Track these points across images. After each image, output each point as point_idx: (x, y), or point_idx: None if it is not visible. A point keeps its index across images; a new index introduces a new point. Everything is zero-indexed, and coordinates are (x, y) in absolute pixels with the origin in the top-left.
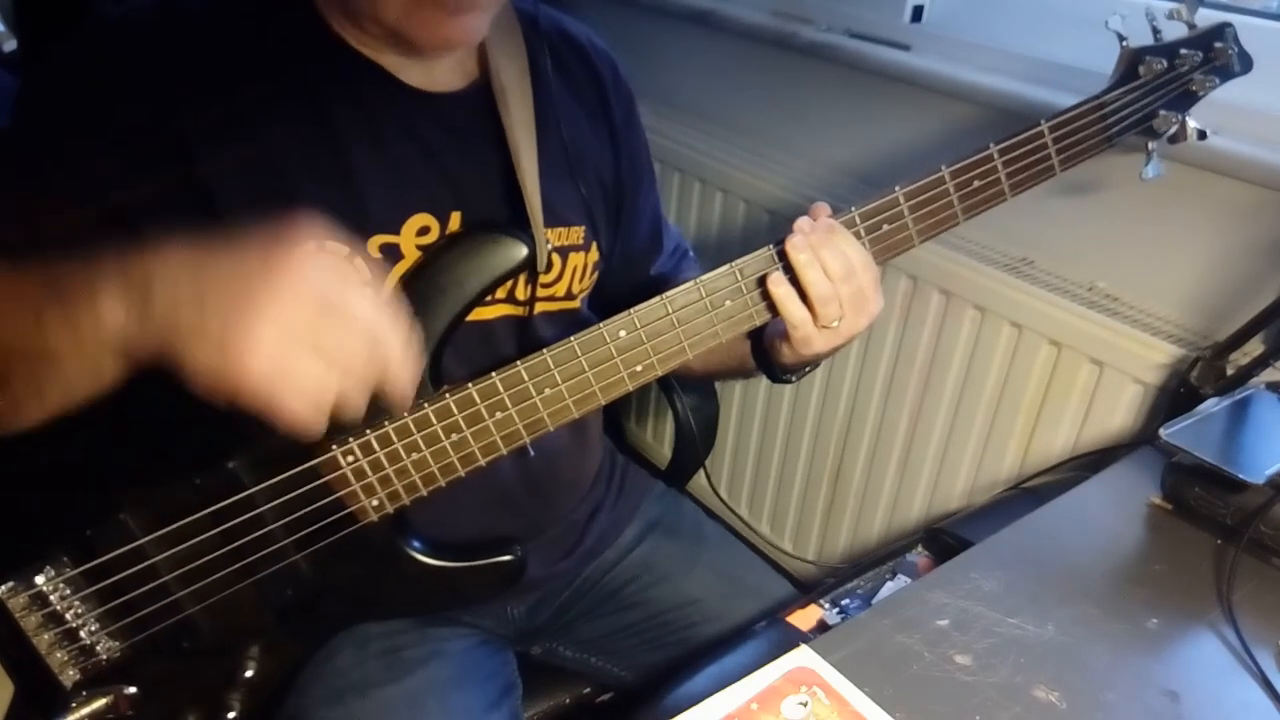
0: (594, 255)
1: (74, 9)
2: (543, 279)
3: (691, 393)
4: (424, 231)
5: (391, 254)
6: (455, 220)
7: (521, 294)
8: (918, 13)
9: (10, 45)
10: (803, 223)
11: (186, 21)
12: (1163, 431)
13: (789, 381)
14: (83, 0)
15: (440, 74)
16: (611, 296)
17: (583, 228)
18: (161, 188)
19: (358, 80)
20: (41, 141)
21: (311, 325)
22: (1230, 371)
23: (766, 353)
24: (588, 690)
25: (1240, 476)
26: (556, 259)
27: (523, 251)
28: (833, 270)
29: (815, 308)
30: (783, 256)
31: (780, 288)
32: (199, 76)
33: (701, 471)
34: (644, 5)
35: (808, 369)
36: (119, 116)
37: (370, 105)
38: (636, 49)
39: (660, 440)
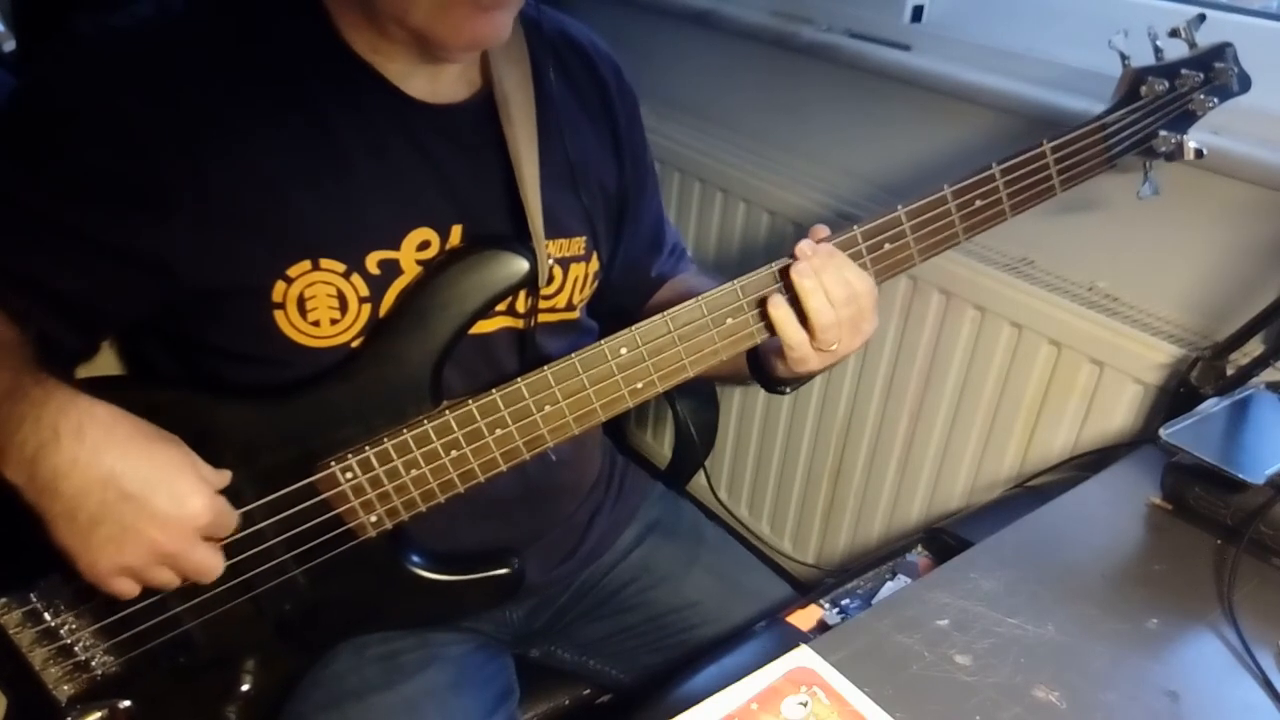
0: (594, 265)
1: (75, 9)
2: (543, 291)
3: (691, 395)
4: (424, 246)
5: (391, 269)
6: (456, 234)
7: (522, 306)
8: (918, 13)
9: (10, 45)
10: (804, 247)
11: (172, 37)
12: (1163, 431)
13: (783, 392)
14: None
15: (444, 84)
16: (613, 300)
17: (584, 238)
18: (139, 233)
19: (361, 90)
20: (15, 178)
21: (146, 568)
22: (1230, 371)
23: (762, 365)
24: (587, 691)
25: (1240, 476)
26: (557, 270)
27: (524, 267)
28: (835, 296)
29: (816, 333)
30: (785, 277)
31: (780, 310)
32: (189, 96)
33: (701, 473)
34: (644, 5)
35: (802, 382)
36: (96, 162)
37: (373, 116)
38: (636, 49)
39: (660, 441)
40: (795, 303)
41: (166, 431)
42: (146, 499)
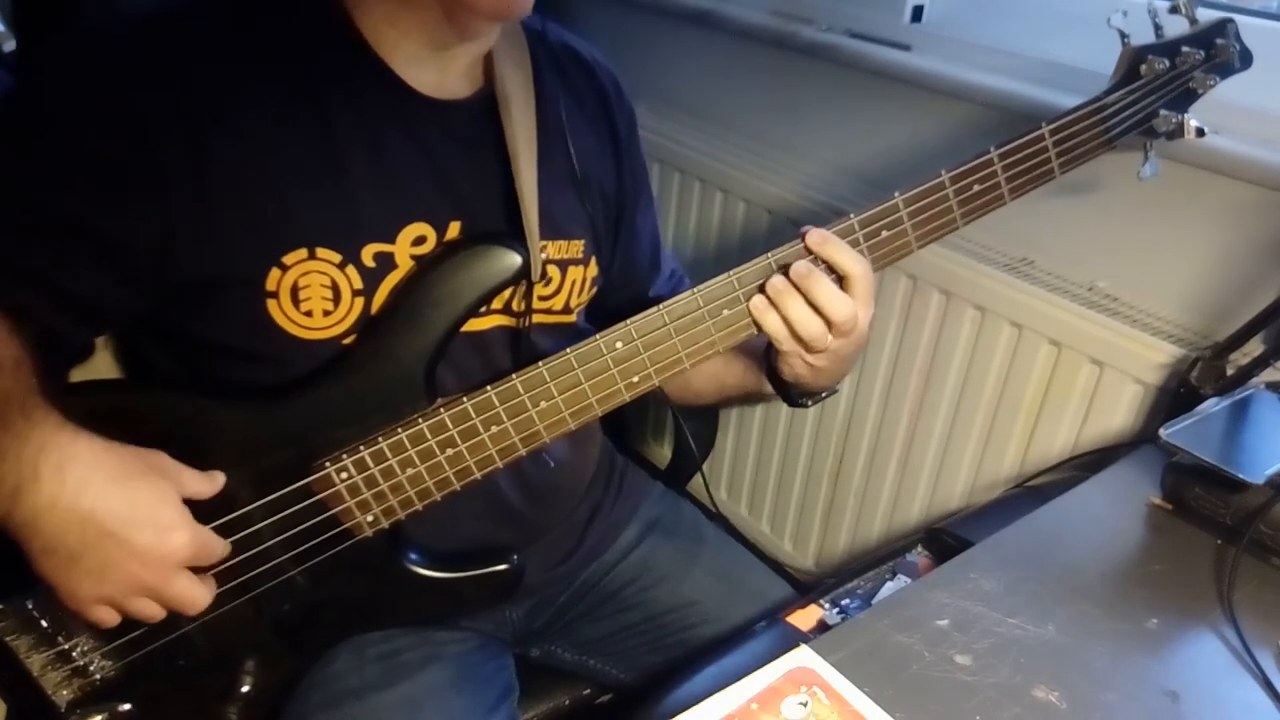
0: (593, 270)
1: (74, 8)
2: (541, 292)
3: None
4: (420, 241)
5: (385, 263)
6: (453, 230)
7: (517, 305)
8: (918, 13)
9: (10, 45)
10: (799, 267)
11: (174, 24)
12: (1163, 431)
13: (805, 405)
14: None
15: (449, 79)
16: (610, 311)
17: (583, 241)
18: (139, 218)
19: (364, 82)
20: (14, 168)
21: (126, 598)
22: (1230, 371)
23: (780, 377)
24: (587, 691)
25: (1240, 476)
26: (555, 272)
27: (516, 262)
28: (829, 311)
29: (803, 342)
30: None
31: (766, 316)
32: (192, 82)
33: (699, 477)
34: (644, 5)
35: (824, 395)
36: (97, 148)
37: (374, 109)
38: (636, 49)
39: (660, 441)
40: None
41: (150, 456)
42: (127, 536)
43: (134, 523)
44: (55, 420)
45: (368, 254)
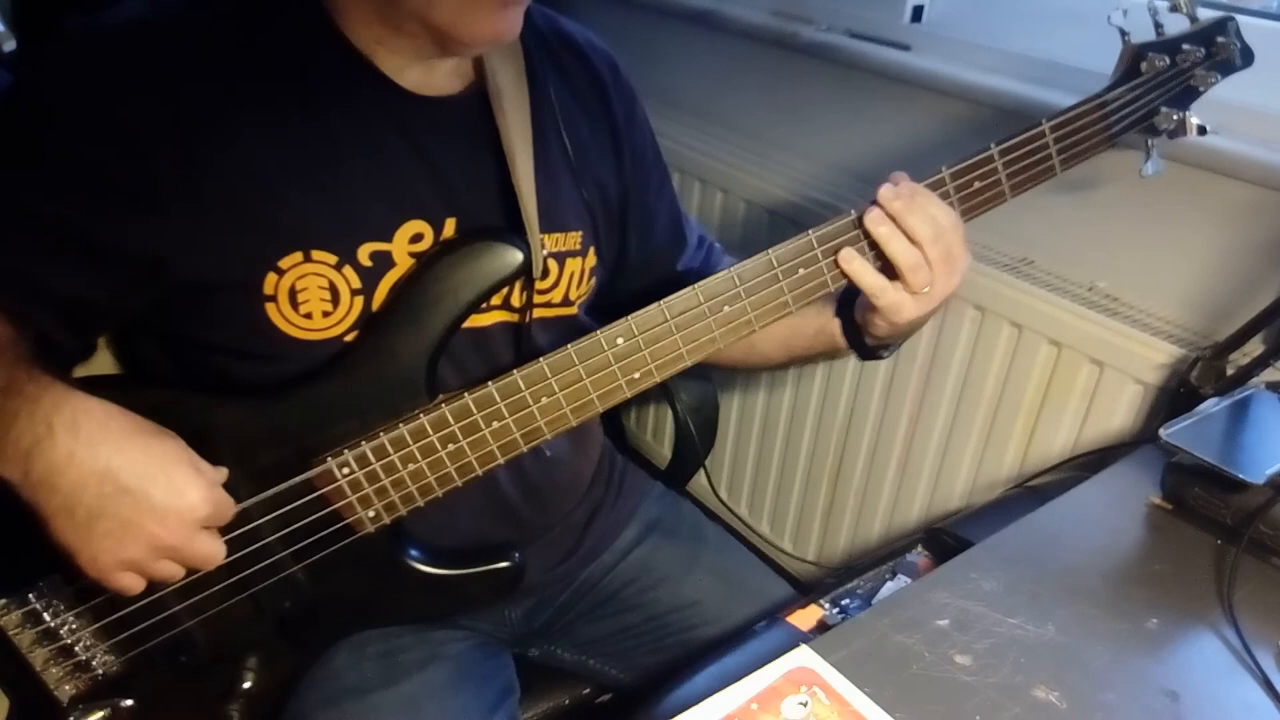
0: (591, 260)
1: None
2: (539, 285)
3: (691, 393)
4: (417, 239)
5: (383, 261)
6: (450, 227)
7: (517, 301)
8: (918, 13)
9: (10, 45)
10: (885, 192)
11: (166, 31)
12: (1163, 431)
13: (881, 357)
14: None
15: (439, 78)
16: (635, 297)
17: (580, 232)
18: (131, 227)
19: (356, 83)
20: (9, 171)
21: (147, 561)
22: (1230, 371)
23: (859, 329)
24: (586, 691)
25: (1240, 476)
26: (553, 265)
27: (518, 258)
28: (921, 235)
29: (905, 276)
30: (861, 226)
31: (853, 263)
32: (183, 91)
33: (702, 472)
34: (644, 5)
35: (899, 343)
36: (91, 157)
37: (366, 109)
38: (636, 49)
39: (660, 440)
40: (879, 251)
41: (161, 426)
42: (145, 492)
43: (150, 478)
44: (64, 385)
45: (364, 253)
